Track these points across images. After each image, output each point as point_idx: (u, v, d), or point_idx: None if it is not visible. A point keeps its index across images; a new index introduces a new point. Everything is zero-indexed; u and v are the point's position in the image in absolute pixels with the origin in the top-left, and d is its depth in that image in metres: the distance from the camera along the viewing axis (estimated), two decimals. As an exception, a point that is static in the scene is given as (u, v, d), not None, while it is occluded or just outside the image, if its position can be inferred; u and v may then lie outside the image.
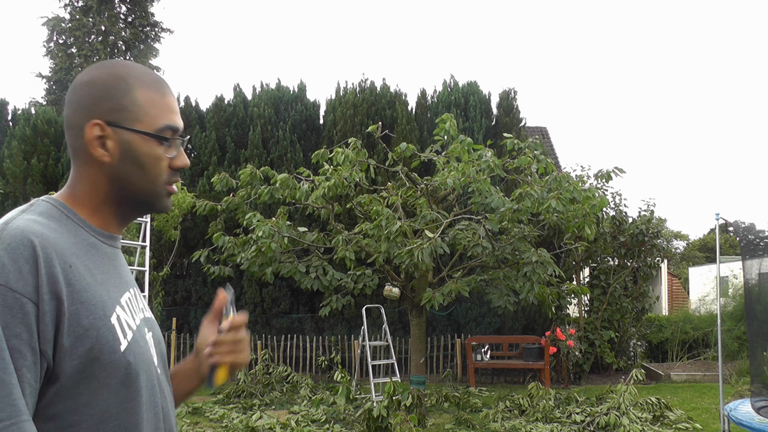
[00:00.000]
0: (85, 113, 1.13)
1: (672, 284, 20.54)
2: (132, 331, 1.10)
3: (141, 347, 1.12)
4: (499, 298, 7.33)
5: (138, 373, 1.08)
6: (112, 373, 1.03)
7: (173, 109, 1.20)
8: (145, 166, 1.15)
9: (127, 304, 1.13)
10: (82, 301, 1.01)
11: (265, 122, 12.42)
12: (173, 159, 1.19)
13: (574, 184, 6.97)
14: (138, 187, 1.17)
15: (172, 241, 11.35)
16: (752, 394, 5.66)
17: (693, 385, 10.22)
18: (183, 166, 1.20)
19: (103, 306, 1.05)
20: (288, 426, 7.04)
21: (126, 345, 1.06)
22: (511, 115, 12.65)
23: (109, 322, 1.04)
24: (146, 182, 1.17)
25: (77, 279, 1.02)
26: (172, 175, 1.20)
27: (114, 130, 1.13)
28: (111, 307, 1.06)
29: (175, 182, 1.22)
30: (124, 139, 1.14)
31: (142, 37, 23.67)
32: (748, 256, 6.17)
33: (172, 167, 1.19)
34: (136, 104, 1.15)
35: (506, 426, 7.08)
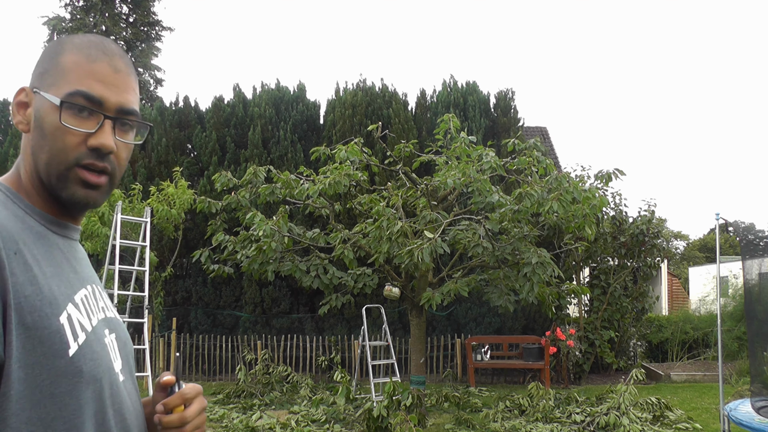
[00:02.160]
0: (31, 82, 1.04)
1: (672, 284, 20.54)
2: (85, 333, 0.94)
3: (96, 352, 0.96)
4: (499, 297, 7.33)
5: (92, 382, 0.93)
6: (57, 381, 0.88)
7: (100, 77, 1.00)
8: (46, 136, 0.99)
9: (83, 303, 0.98)
10: (26, 295, 0.87)
11: (265, 122, 12.43)
12: (90, 136, 0.99)
13: (574, 185, 6.97)
14: (42, 162, 0.99)
15: (173, 241, 11.35)
16: (752, 394, 5.66)
17: (693, 385, 10.21)
18: (99, 146, 0.99)
19: (51, 303, 0.90)
20: (288, 426, 7.04)
21: (76, 349, 0.91)
22: (509, 115, 12.65)
23: (57, 322, 0.89)
24: (49, 157, 0.98)
25: (22, 269, 0.88)
26: (86, 156, 0.99)
27: (35, 96, 1.01)
28: (61, 305, 0.91)
29: (95, 168, 1.00)
30: (37, 105, 1.00)
31: (143, 36, 23.68)
32: (748, 256, 6.17)
33: (88, 146, 0.99)
34: (57, 68, 1.01)
35: (506, 426, 7.08)
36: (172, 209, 10.54)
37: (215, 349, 11.43)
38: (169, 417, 1.07)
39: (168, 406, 1.08)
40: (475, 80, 13.00)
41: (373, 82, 12.77)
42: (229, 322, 11.89)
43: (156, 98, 23.98)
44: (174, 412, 1.08)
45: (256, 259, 7.45)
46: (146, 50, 24.02)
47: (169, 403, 1.08)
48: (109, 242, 8.38)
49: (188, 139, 12.80)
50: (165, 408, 1.07)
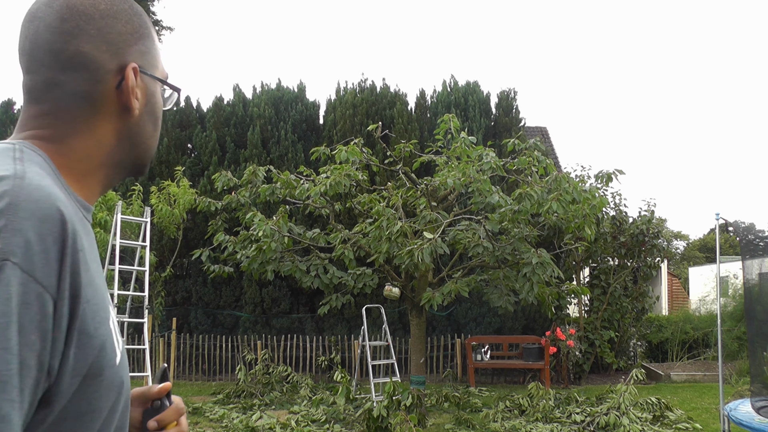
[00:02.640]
0: (113, 52, 0.90)
1: (672, 284, 20.54)
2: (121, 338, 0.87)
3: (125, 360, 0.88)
4: (499, 298, 7.33)
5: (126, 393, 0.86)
6: (106, 394, 0.79)
7: (161, 55, 1.02)
8: (158, 121, 1.00)
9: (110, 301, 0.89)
10: (88, 300, 0.76)
11: (265, 122, 12.43)
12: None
13: (574, 185, 6.97)
14: (147, 145, 0.98)
15: (173, 241, 11.35)
16: (752, 394, 5.66)
17: (693, 385, 10.22)
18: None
19: (104, 305, 0.80)
20: (288, 426, 7.04)
21: (119, 358, 0.83)
22: (511, 115, 12.65)
23: (109, 328, 0.80)
24: (154, 140, 1.00)
25: (85, 268, 0.76)
26: None
27: (142, 77, 0.94)
28: (108, 307, 0.82)
29: None
30: (150, 89, 0.96)
31: (143, 36, 23.66)
32: (748, 256, 6.17)
33: None
34: (156, 48, 0.98)
35: (506, 426, 7.08)
36: (174, 209, 10.54)
37: (215, 349, 11.43)
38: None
39: (163, 423, 0.97)
40: (475, 80, 13.00)
41: (374, 82, 12.78)
42: (229, 322, 11.89)
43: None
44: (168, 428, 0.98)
45: (256, 259, 7.45)
46: (146, 50, 24.01)
47: (164, 420, 0.98)
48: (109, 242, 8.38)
49: (189, 139, 12.80)
50: (159, 424, 0.97)
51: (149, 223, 8.50)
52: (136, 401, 1.00)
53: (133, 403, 0.99)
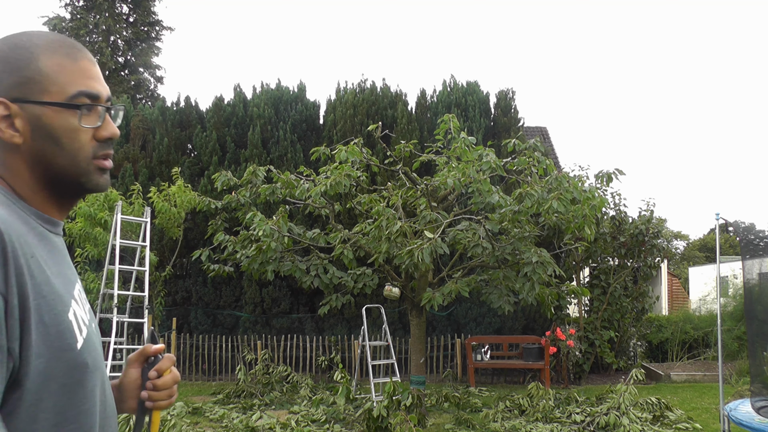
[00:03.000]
0: None
1: (672, 284, 20.54)
2: (86, 327, 1.03)
3: (95, 344, 1.05)
4: (498, 298, 7.33)
5: (93, 372, 1.01)
6: (70, 373, 0.96)
7: (89, 74, 1.07)
8: (60, 141, 1.03)
9: (79, 297, 1.05)
10: (43, 296, 0.94)
11: (265, 122, 12.43)
12: (97, 129, 1.06)
13: (574, 185, 6.97)
14: (59, 166, 1.04)
15: (173, 241, 11.36)
16: (752, 394, 5.66)
17: (693, 385, 10.22)
18: (111, 135, 1.08)
19: (62, 300, 0.97)
20: (288, 426, 7.04)
21: (82, 343, 0.99)
22: (509, 115, 12.65)
23: (68, 318, 0.97)
24: (67, 159, 1.04)
25: (38, 271, 0.94)
26: (99, 148, 1.07)
27: (21, 106, 1.01)
28: (67, 302, 0.99)
29: (107, 156, 1.09)
30: (33, 114, 1.01)
31: (144, 36, 23.69)
32: (748, 256, 6.17)
33: (98, 138, 1.07)
34: (41, 74, 1.02)
35: (506, 426, 7.08)
36: (173, 208, 10.55)
37: (215, 349, 11.43)
38: (163, 378, 1.22)
39: (162, 370, 1.22)
40: (475, 80, 12.99)
41: (374, 82, 12.78)
42: (229, 322, 11.89)
43: (157, 97, 23.98)
44: (164, 374, 1.22)
45: (256, 259, 7.45)
46: (146, 49, 24.02)
47: (162, 367, 1.22)
48: (109, 242, 8.39)
49: (189, 139, 12.80)
50: (159, 372, 1.22)
51: (149, 223, 8.52)
52: (134, 363, 1.25)
53: (132, 365, 1.25)
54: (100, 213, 9.75)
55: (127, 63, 23.98)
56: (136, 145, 12.58)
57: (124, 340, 8.61)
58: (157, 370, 1.21)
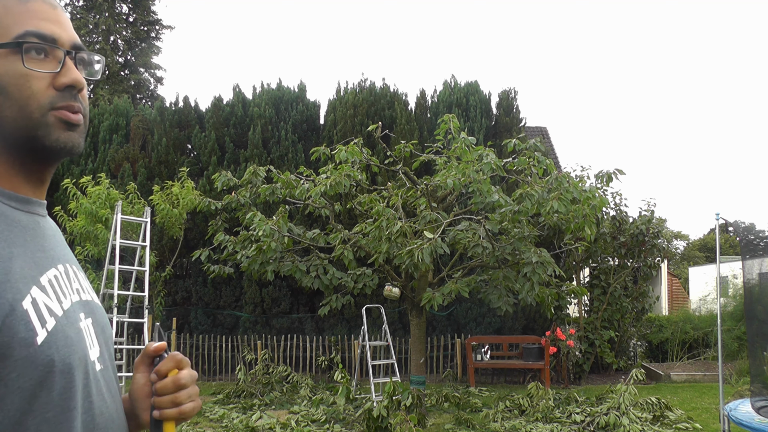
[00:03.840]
0: None
1: (672, 284, 20.54)
2: (55, 318, 0.86)
3: (69, 338, 0.87)
4: (498, 298, 7.33)
5: (65, 371, 0.84)
6: (25, 373, 0.79)
7: (43, 15, 0.91)
8: (6, 89, 0.88)
9: (51, 284, 0.88)
10: None
11: (265, 122, 12.43)
12: (56, 76, 0.91)
13: (574, 185, 6.97)
14: (8, 119, 0.88)
15: (173, 241, 11.36)
16: (752, 394, 5.66)
17: (693, 385, 10.22)
18: (72, 82, 0.91)
19: (12, 287, 0.81)
20: (288, 426, 7.04)
21: (45, 336, 0.82)
22: (511, 115, 12.65)
23: (20, 308, 0.81)
24: (14, 111, 0.88)
25: None
26: (59, 98, 0.91)
27: None
28: (23, 289, 0.83)
29: (70, 108, 0.92)
30: None
31: (144, 35, 23.69)
32: (748, 256, 6.17)
33: (57, 87, 0.91)
34: None
35: (506, 426, 7.08)
36: (175, 209, 10.55)
37: (215, 349, 11.43)
38: (163, 382, 1.01)
39: (161, 372, 1.01)
40: (476, 80, 12.99)
41: (374, 83, 12.77)
42: (229, 322, 11.89)
43: (156, 97, 24.00)
44: (168, 375, 1.01)
45: (256, 259, 7.45)
46: (146, 49, 24.04)
47: (161, 369, 1.01)
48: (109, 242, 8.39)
49: (188, 139, 12.80)
50: (158, 375, 1.01)
51: (149, 223, 8.51)
52: (140, 366, 1.06)
53: (138, 369, 1.06)
54: (102, 210, 9.75)
55: (127, 63, 23.99)
56: (136, 145, 12.58)
57: (124, 340, 8.61)
58: (156, 372, 1.01)
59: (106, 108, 13.26)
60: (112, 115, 12.96)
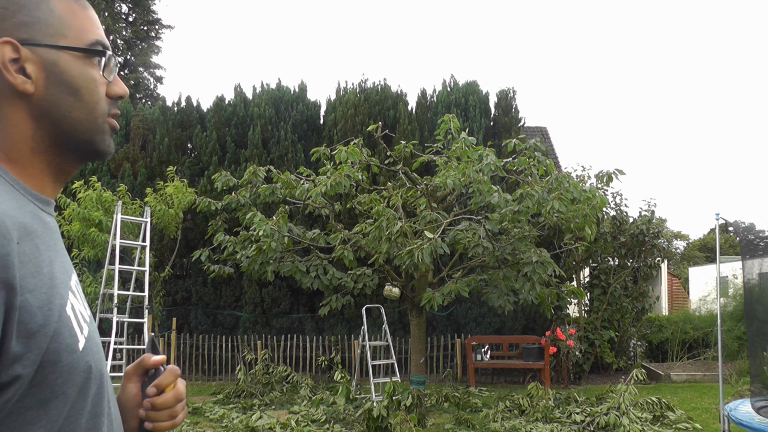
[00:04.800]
0: None
1: (672, 284, 20.54)
2: (87, 324, 0.88)
3: (98, 344, 0.90)
4: (498, 298, 7.33)
5: (98, 377, 0.86)
6: (70, 379, 0.81)
7: (99, 24, 0.97)
8: (80, 91, 0.91)
9: (76, 288, 0.89)
10: (31, 290, 0.77)
11: (265, 122, 12.43)
12: (111, 85, 0.96)
13: (574, 185, 6.97)
14: (74, 120, 0.91)
15: (173, 241, 11.36)
16: (752, 394, 5.66)
17: (693, 385, 10.21)
18: (123, 94, 0.97)
19: (57, 294, 0.81)
20: (288, 426, 7.04)
21: (84, 342, 0.84)
22: (510, 115, 12.64)
23: (65, 314, 0.82)
24: (85, 113, 0.92)
25: (27, 260, 0.78)
26: (112, 106, 0.97)
27: (32, 49, 0.88)
28: (64, 295, 0.83)
29: (116, 116, 0.98)
30: (47, 59, 0.89)
31: (143, 35, 23.69)
32: (748, 256, 6.17)
33: (111, 95, 0.96)
34: (54, 15, 0.91)
35: (506, 426, 7.08)
36: (171, 209, 10.54)
37: (215, 349, 11.43)
38: (163, 396, 1.02)
39: (161, 386, 1.02)
40: (475, 80, 12.99)
41: (374, 82, 12.77)
42: (229, 322, 11.89)
43: (156, 97, 24.00)
44: (166, 390, 1.03)
45: (256, 260, 7.45)
46: (146, 49, 24.03)
47: (162, 383, 1.02)
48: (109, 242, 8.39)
49: (189, 139, 12.80)
50: (158, 389, 1.02)
51: (149, 223, 8.51)
52: (132, 376, 1.06)
53: (130, 379, 1.05)
54: (95, 213, 9.73)
55: (127, 62, 23.99)
56: (136, 145, 12.58)
57: (123, 340, 8.61)
58: (156, 386, 1.02)
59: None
60: (112, 115, 12.95)
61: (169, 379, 1.03)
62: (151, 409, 1.02)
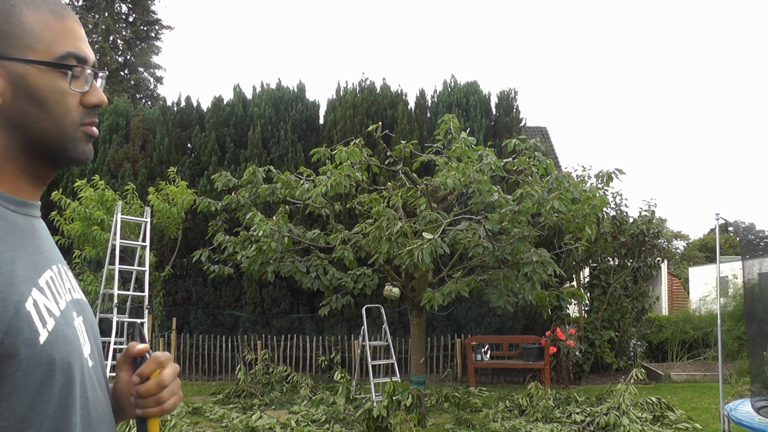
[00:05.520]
0: None
1: (672, 284, 20.55)
2: (54, 318, 0.90)
3: (67, 337, 0.92)
4: (499, 298, 7.33)
5: (65, 369, 0.89)
6: (30, 372, 0.84)
7: (77, 35, 0.98)
8: (47, 103, 0.94)
9: (48, 286, 0.93)
10: None
11: (265, 122, 12.43)
12: (85, 95, 0.98)
13: (574, 184, 6.97)
14: (42, 130, 0.94)
15: (173, 241, 11.36)
16: (752, 394, 5.66)
17: (693, 385, 10.22)
18: (99, 102, 0.99)
19: (15, 290, 0.85)
20: (288, 426, 7.04)
21: (46, 336, 0.87)
22: (511, 115, 12.64)
23: (24, 309, 0.85)
24: (52, 124, 0.94)
25: None
26: (86, 115, 0.98)
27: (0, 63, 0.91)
28: (25, 291, 0.87)
29: (92, 124, 1.00)
30: (14, 72, 0.92)
31: (143, 35, 23.69)
32: (748, 256, 6.17)
33: (86, 105, 0.98)
34: (24, 29, 0.93)
35: (506, 426, 7.08)
36: (173, 208, 10.55)
37: (215, 349, 11.43)
38: (146, 384, 1.04)
39: (144, 374, 1.05)
40: (475, 80, 12.99)
41: (374, 82, 12.77)
42: (229, 322, 11.89)
43: (156, 97, 24.00)
44: (150, 378, 1.05)
45: (256, 260, 7.45)
46: (146, 49, 24.03)
47: (144, 371, 1.05)
48: (109, 242, 8.39)
49: (189, 139, 12.80)
50: (141, 377, 1.05)
51: (149, 223, 8.52)
52: (123, 365, 1.10)
53: (121, 368, 1.10)
54: (96, 213, 9.74)
55: (126, 63, 23.99)
56: (136, 145, 12.57)
57: (123, 340, 8.61)
58: (138, 374, 1.05)
59: (105, 108, 13.20)
60: (111, 115, 12.95)
61: (151, 367, 1.05)
62: (138, 397, 1.06)
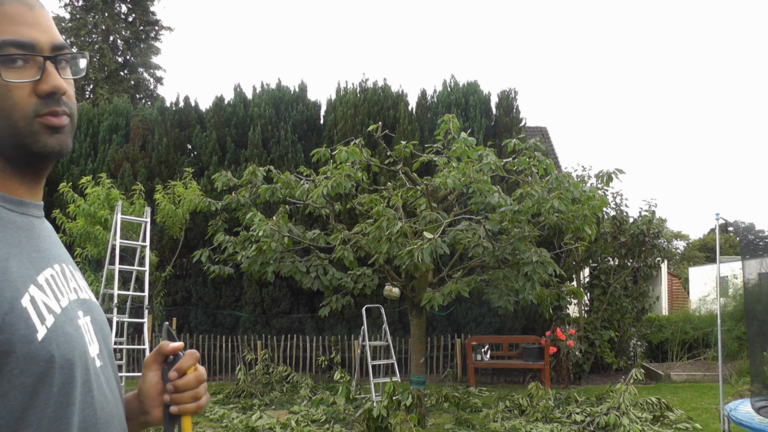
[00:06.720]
0: None
1: (672, 284, 20.55)
2: (54, 315, 0.88)
3: (69, 335, 0.89)
4: (499, 298, 7.33)
5: (65, 367, 0.86)
6: (27, 369, 0.81)
7: (19, 20, 0.90)
8: None
9: (49, 283, 0.91)
10: None
11: (265, 122, 12.43)
12: (37, 83, 0.91)
13: (574, 184, 6.97)
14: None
15: (174, 241, 11.36)
16: (752, 394, 5.66)
17: (693, 385, 10.22)
18: (52, 89, 0.91)
19: (9, 287, 0.83)
20: (288, 426, 7.04)
21: (45, 333, 0.85)
22: (511, 115, 12.64)
23: (19, 306, 0.83)
24: (1, 121, 0.89)
25: None
26: (43, 105, 0.91)
27: None
28: (21, 287, 0.85)
29: (55, 113, 0.92)
30: None
31: (143, 35, 23.70)
32: (748, 256, 6.17)
33: (40, 94, 0.91)
34: None
35: (506, 426, 7.08)
36: (178, 209, 10.55)
37: (215, 349, 11.43)
38: (185, 378, 1.06)
39: (182, 369, 1.06)
40: (475, 80, 12.99)
41: (375, 82, 12.77)
42: (229, 322, 11.89)
43: (156, 97, 23.99)
44: (188, 373, 1.07)
45: (256, 260, 7.45)
46: (146, 49, 24.03)
47: (182, 366, 1.06)
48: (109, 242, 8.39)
49: (188, 139, 12.80)
50: (179, 372, 1.06)
51: (149, 223, 8.51)
52: (152, 365, 1.09)
53: (150, 368, 1.09)
54: (101, 211, 9.74)
55: (126, 63, 23.99)
56: (136, 145, 12.58)
57: (124, 340, 8.61)
58: (177, 369, 1.06)
59: (105, 108, 13.25)
60: (111, 115, 12.96)
61: (189, 362, 1.07)
62: (175, 392, 1.05)
